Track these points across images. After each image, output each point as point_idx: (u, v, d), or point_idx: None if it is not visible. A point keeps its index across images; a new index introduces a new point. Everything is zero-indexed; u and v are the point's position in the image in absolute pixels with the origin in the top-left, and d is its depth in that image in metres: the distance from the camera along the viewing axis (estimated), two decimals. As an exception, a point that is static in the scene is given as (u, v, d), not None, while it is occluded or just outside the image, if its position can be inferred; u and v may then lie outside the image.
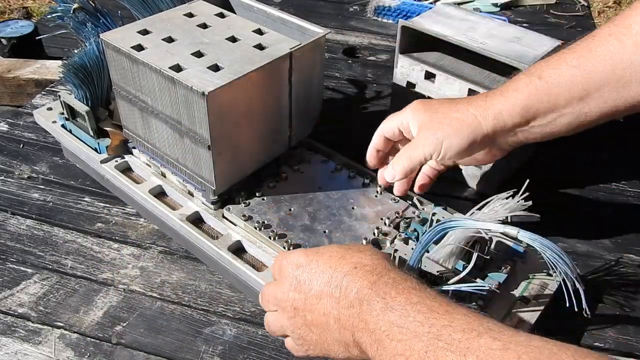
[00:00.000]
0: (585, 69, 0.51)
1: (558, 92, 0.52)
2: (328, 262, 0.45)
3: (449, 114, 0.55)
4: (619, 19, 0.51)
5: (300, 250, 0.48)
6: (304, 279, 0.45)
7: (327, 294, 0.44)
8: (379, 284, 0.42)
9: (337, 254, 0.45)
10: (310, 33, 0.64)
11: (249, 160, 0.63)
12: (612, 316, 0.59)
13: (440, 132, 0.54)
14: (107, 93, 0.70)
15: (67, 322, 0.58)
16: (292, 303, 0.46)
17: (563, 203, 0.73)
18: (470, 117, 0.54)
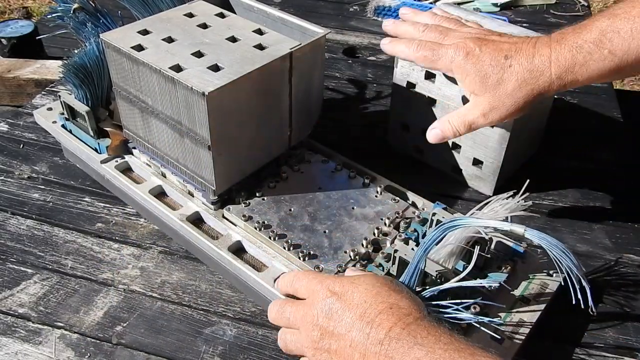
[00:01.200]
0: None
1: (626, 66, 0.50)
2: (364, 295, 0.45)
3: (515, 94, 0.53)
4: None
5: (335, 277, 0.49)
6: (337, 308, 0.46)
7: (358, 327, 0.44)
8: (412, 326, 0.42)
9: (372, 289, 0.46)
10: (311, 33, 0.64)
11: (249, 160, 0.63)
12: (612, 316, 0.59)
13: (504, 112, 0.54)
14: (107, 93, 0.70)
15: (68, 323, 0.58)
16: (319, 329, 0.46)
17: (563, 203, 0.73)
18: (534, 96, 0.53)
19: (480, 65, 0.54)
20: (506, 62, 0.52)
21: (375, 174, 0.67)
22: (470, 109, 0.56)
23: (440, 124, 0.58)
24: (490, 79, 0.53)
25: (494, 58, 0.53)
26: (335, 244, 0.58)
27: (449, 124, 0.57)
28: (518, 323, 0.52)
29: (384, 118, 0.82)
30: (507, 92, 0.52)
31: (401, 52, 0.60)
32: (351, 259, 0.56)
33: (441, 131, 0.58)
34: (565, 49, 0.51)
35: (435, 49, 0.57)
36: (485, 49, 0.54)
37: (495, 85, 0.53)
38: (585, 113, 0.90)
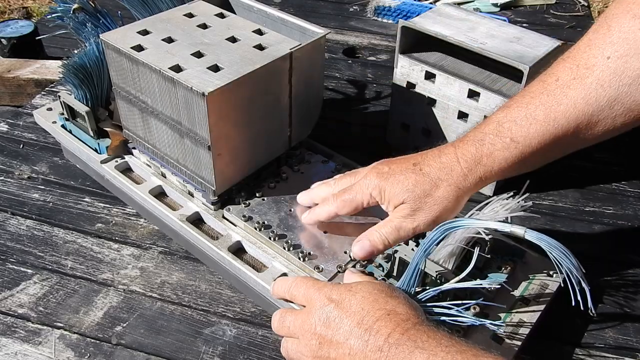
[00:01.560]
0: (555, 122, 0.49)
1: (531, 151, 0.51)
2: (361, 303, 0.45)
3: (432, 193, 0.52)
4: (579, 56, 0.50)
5: (331, 285, 0.49)
6: (334, 316, 0.46)
7: (356, 335, 0.44)
8: (412, 331, 0.42)
9: (370, 296, 0.46)
10: (310, 33, 0.64)
11: (249, 161, 0.63)
12: (612, 316, 0.59)
13: (430, 214, 0.52)
14: (107, 93, 0.70)
15: (67, 323, 0.58)
16: (318, 338, 0.46)
17: (563, 203, 0.73)
18: (454, 190, 0.52)
19: (392, 178, 0.53)
20: (416, 168, 0.52)
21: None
22: (394, 216, 0.53)
23: (368, 234, 0.54)
24: (404, 185, 0.52)
25: (404, 167, 0.53)
26: (335, 244, 0.58)
27: (376, 232, 0.53)
28: (518, 323, 0.52)
29: (384, 118, 0.82)
30: (425, 192, 0.51)
31: (322, 212, 0.57)
32: (351, 259, 0.56)
33: (370, 242, 0.53)
34: (469, 144, 0.52)
35: (350, 189, 0.55)
36: (393, 164, 0.54)
37: (412, 189, 0.51)
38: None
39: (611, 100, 0.48)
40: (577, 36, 0.53)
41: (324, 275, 0.55)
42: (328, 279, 0.54)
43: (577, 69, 0.49)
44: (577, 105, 0.49)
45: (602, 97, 0.48)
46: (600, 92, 0.48)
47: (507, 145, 0.51)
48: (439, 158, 0.53)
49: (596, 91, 0.48)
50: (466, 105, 0.69)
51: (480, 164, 0.51)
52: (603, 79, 0.47)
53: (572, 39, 1.14)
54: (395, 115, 0.79)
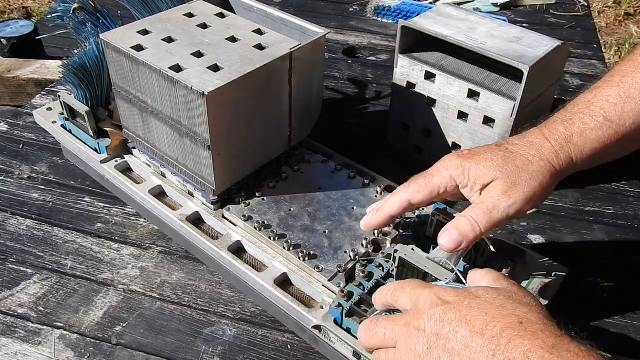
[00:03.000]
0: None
1: (625, 130, 0.48)
2: (484, 307, 0.38)
3: (525, 167, 0.47)
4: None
5: (444, 287, 0.41)
6: (450, 318, 0.38)
7: (479, 344, 0.36)
8: (558, 349, 0.35)
9: (495, 301, 0.38)
10: (310, 33, 0.64)
11: (249, 161, 0.63)
12: (612, 316, 0.59)
13: (527, 189, 0.46)
14: (107, 93, 0.70)
15: (67, 323, 0.58)
16: (427, 342, 0.38)
17: (563, 203, 0.73)
18: (547, 166, 0.47)
19: (477, 156, 0.48)
20: (501, 147, 0.48)
21: (375, 174, 0.67)
22: (484, 197, 0.47)
23: (454, 222, 0.47)
24: (493, 162, 0.46)
25: (487, 148, 0.48)
26: (335, 244, 0.58)
27: (464, 218, 0.46)
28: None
29: (384, 118, 0.82)
30: (518, 167, 0.46)
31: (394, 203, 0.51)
32: (351, 259, 0.56)
33: (457, 230, 0.46)
34: (556, 123, 0.49)
35: (426, 173, 0.50)
36: (474, 149, 0.49)
37: (503, 165, 0.46)
38: (585, 113, 0.90)
39: None
40: (577, 36, 0.53)
41: (324, 275, 0.55)
42: (328, 279, 0.54)
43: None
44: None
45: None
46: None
47: (601, 124, 0.47)
48: (525, 138, 0.48)
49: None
50: (466, 105, 0.69)
51: (571, 142, 0.47)
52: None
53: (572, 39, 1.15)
54: (395, 115, 0.79)
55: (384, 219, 0.51)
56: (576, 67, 1.02)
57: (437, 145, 0.75)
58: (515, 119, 0.65)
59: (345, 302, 0.51)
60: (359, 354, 0.49)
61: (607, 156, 0.50)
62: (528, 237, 0.68)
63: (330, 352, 0.53)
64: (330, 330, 0.51)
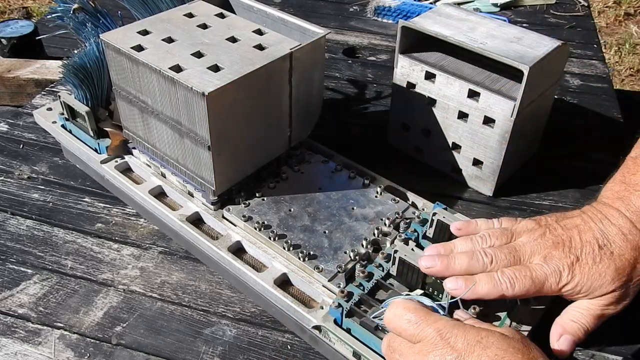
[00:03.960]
0: None
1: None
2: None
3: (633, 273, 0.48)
4: None
5: (453, 325, 0.42)
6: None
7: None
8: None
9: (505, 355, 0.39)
10: (311, 33, 0.64)
11: (249, 161, 0.63)
12: (612, 316, 0.59)
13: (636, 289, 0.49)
14: (107, 93, 0.70)
15: (67, 323, 0.58)
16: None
17: (563, 203, 0.73)
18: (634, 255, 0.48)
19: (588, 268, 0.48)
20: (606, 251, 0.48)
21: (375, 174, 0.67)
22: (596, 304, 0.48)
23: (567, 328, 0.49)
24: (608, 277, 0.47)
25: (594, 253, 0.47)
26: (335, 245, 0.58)
27: (576, 324, 0.48)
28: (518, 324, 0.52)
29: (384, 118, 0.82)
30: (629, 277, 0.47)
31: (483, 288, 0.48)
32: (351, 259, 0.56)
33: (572, 336, 0.48)
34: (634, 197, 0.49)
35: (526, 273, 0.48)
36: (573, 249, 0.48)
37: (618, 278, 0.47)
38: (585, 113, 0.90)
39: None
40: (577, 36, 0.53)
41: (324, 275, 0.55)
42: (328, 279, 0.54)
43: None
44: None
45: None
46: None
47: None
48: (617, 228, 0.48)
49: None
50: (466, 105, 0.69)
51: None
52: None
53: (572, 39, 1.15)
54: (395, 115, 0.79)
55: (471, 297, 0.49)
56: (576, 67, 1.02)
57: (437, 145, 0.75)
58: (515, 119, 0.65)
59: (345, 303, 0.51)
60: (359, 354, 0.49)
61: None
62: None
63: (330, 352, 0.53)
64: (330, 331, 0.51)
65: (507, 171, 0.72)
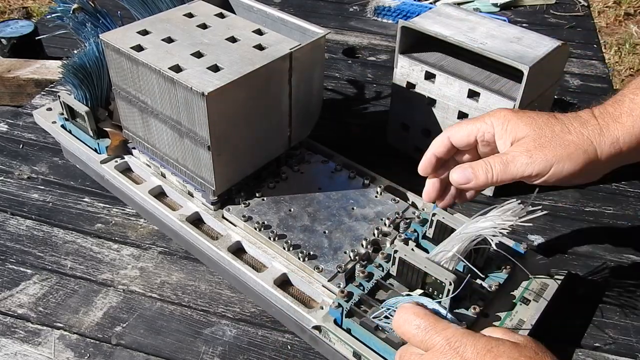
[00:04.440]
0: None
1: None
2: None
3: (561, 134, 0.47)
4: None
5: (462, 334, 0.41)
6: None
7: None
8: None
9: None
10: (310, 33, 0.64)
11: (249, 161, 0.63)
12: (612, 316, 0.59)
13: (551, 153, 0.46)
14: (107, 93, 0.70)
15: (67, 323, 0.58)
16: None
17: (563, 203, 0.73)
18: (586, 142, 0.47)
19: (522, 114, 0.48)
20: (549, 114, 0.48)
21: (375, 174, 0.67)
22: (509, 150, 0.48)
23: (473, 163, 0.49)
24: (534, 120, 0.47)
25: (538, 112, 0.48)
26: (335, 245, 0.58)
27: (482, 162, 0.48)
28: (518, 323, 0.52)
29: (384, 118, 0.82)
30: (554, 132, 0.46)
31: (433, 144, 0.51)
32: (351, 259, 0.56)
33: (472, 169, 0.48)
34: (606, 104, 0.48)
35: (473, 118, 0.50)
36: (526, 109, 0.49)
37: (540, 126, 0.46)
38: (585, 113, 0.90)
39: None
40: (577, 36, 0.53)
41: (324, 275, 0.55)
42: (328, 279, 0.54)
43: None
44: None
45: None
46: None
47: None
48: (576, 113, 0.48)
49: None
50: (466, 105, 0.69)
51: (618, 121, 0.47)
52: None
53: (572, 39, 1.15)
54: (395, 115, 0.79)
55: (428, 159, 0.52)
56: (576, 67, 1.02)
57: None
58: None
59: (345, 303, 0.50)
60: (359, 354, 0.49)
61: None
62: (528, 237, 0.68)
63: (330, 352, 0.53)
64: (330, 331, 0.51)
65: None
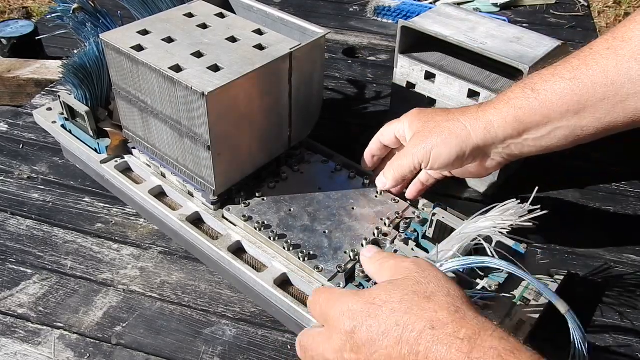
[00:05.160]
0: (581, 83, 0.49)
1: (551, 105, 0.50)
2: (392, 317, 0.39)
3: (441, 122, 0.54)
4: (617, 30, 0.49)
5: (350, 296, 0.42)
6: (363, 338, 0.39)
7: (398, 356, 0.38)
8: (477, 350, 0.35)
9: (400, 307, 0.39)
10: (310, 33, 0.64)
11: (249, 161, 0.63)
12: (612, 316, 0.59)
13: (429, 141, 0.54)
14: (107, 93, 0.70)
15: (67, 323, 0.58)
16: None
17: (563, 203, 0.73)
18: (460, 127, 0.53)
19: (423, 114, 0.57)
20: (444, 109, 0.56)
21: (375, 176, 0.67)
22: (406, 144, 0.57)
23: (385, 169, 0.59)
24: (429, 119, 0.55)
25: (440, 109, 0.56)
26: (335, 244, 0.58)
27: (388, 165, 0.57)
28: (518, 323, 0.52)
29: (384, 118, 0.82)
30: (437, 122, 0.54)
31: None
32: (351, 259, 0.56)
33: (383, 174, 0.58)
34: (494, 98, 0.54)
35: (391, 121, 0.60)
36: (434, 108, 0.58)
37: (428, 120, 0.55)
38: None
39: None
40: (577, 36, 0.53)
41: (324, 275, 0.55)
42: (328, 279, 0.54)
43: (613, 41, 0.48)
44: (607, 73, 0.47)
45: (636, 71, 0.46)
46: (633, 65, 0.46)
47: (526, 94, 0.51)
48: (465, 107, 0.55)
49: (629, 63, 0.47)
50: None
51: (495, 107, 0.52)
52: (638, 53, 0.46)
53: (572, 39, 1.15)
54: (395, 115, 0.78)
55: (366, 158, 0.63)
56: (576, 67, 1.01)
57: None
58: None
59: (345, 302, 0.50)
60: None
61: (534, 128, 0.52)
62: (528, 237, 0.68)
63: (330, 352, 0.53)
64: (330, 331, 0.51)
65: (507, 171, 0.72)
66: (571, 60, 0.51)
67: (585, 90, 0.49)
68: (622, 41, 0.48)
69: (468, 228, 0.49)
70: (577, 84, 0.49)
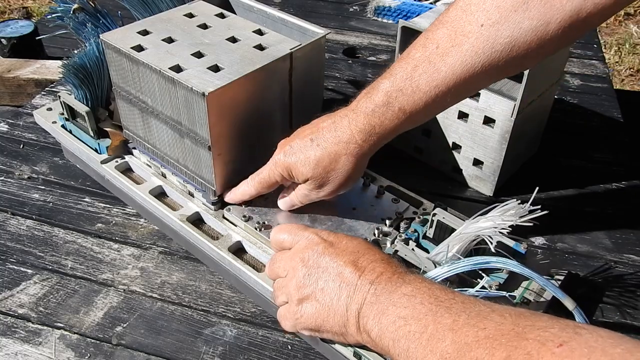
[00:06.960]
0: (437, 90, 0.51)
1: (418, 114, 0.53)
2: (357, 246, 0.48)
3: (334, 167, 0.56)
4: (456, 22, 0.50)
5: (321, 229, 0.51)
6: (330, 252, 0.48)
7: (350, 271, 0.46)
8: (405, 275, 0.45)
9: (364, 244, 0.49)
10: (311, 33, 0.64)
11: (249, 161, 0.63)
12: (612, 316, 0.59)
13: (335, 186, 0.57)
14: (107, 93, 0.70)
15: (67, 323, 0.58)
16: (308, 267, 0.48)
17: (563, 203, 0.73)
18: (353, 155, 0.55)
19: (295, 157, 0.56)
20: (313, 144, 0.55)
21: (375, 174, 0.67)
22: (304, 187, 0.58)
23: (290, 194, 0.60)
24: (307, 164, 0.55)
25: (303, 145, 0.56)
26: (336, 245, 0.58)
27: (294, 195, 0.59)
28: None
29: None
30: (327, 168, 0.55)
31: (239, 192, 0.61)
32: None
33: (289, 198, 0.60)
34: (361, 116, 0.54)
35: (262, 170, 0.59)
36: (295, 141, 0.56)
37: (315, 167, 0.55)
38: (585, 113, 0.90)
39: (485, 66, 0.49)
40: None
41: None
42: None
43: (455, 36, 0.49)
44: (455, 71, 0.50)
45: (477, 64, 0.49)
46: (475, 59, 0.49)
47: (397, 115, 0.53)
48: (335, 132, 0.55)
49: (472, 58, 0.49)
50: (466, 105, 0.69)
51: (373, 133, 0.54)
52: (477, 46, 0.48)
53: (572, 39, 1.14)
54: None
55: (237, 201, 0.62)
56: (576, 67, 1.02)
57: (437, 145, 0.75)
58: (516, 119, 0.65)
59: (346, 303, 0.50)
60: (359, 354, 0.49)
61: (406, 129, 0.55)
62: (528, 237, 0.68)
63: (330, 352, 0.53)
64: (331, 331, 0.51)
65: (507, 171, 0.72)
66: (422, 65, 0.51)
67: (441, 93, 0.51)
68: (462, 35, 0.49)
69: (469, 228, 0.49)
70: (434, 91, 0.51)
